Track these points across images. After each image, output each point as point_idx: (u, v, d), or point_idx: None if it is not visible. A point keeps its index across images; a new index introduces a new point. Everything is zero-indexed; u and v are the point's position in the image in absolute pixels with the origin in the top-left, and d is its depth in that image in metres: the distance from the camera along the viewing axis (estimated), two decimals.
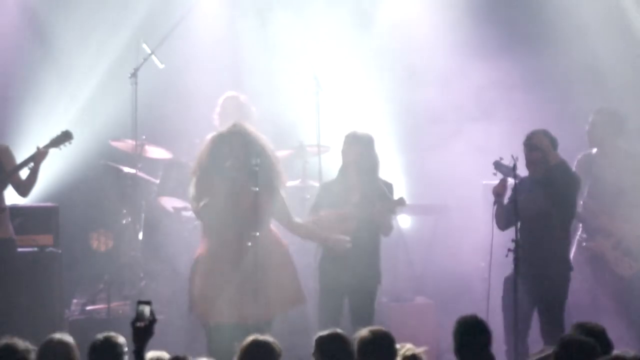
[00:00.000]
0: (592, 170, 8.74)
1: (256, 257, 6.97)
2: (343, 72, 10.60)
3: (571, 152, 8.87)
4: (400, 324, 9.13)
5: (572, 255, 8.80)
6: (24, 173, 8.10)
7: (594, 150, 8.84)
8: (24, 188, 8.13)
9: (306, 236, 7.74)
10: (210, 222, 7.14)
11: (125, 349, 5.52)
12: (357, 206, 7.73)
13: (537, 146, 7.82)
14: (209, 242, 7.17)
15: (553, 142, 7.86)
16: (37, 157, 8.01)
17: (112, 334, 5.64)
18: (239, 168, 7.08)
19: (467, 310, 6.19)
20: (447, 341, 6.62)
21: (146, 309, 5.23)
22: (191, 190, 7.23)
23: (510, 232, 7.57)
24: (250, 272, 6.96)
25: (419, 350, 5.74)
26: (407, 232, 10.15)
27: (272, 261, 7.11)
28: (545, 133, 7.90)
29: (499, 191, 7.81)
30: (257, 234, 7.37)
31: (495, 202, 7.82)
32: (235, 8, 10.86)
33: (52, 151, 8.22)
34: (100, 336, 5.62)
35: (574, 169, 8.81)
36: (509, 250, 7.39)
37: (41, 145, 8.07)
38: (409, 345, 5.74)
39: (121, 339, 5.62)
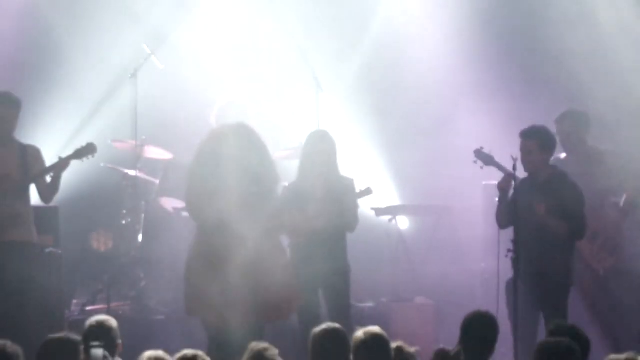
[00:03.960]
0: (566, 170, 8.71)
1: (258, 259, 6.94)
2: (340, 73, 10.63)
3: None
4: (400, 324, 9.14)
5: None
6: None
7: (563, 155, 8.78)
8: (46, 194, 8.11)
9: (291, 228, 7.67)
10: (202, 220, 7.08)
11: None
12: (322, 203, 7.75)
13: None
14: (200, 240, 7.11)
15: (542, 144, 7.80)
16: (58, 167, 7.97)
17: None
18: (238, 168, 7.02)
19: (466, 311, 6.20)
20: (447, 341, 6.62)
21: (99, 352, 5.25)
22: (187, 185, 7.20)
23: (511, 233, 7.55)
24: (245, 274, 6.90)
25: (407, 346, 5.78)
26: (407, 233, 10.16)
27: (270, 266, 7.03)
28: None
29: (503, 186, 7.71)
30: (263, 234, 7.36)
31: (499, 198, 7.76)
32: (235, 8, 10.88)
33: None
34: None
35: None
36: (509, 250, 7.35)
37: (64, 155, 7.99)
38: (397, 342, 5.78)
39: (114, 322, 5.69)
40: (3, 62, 10.59)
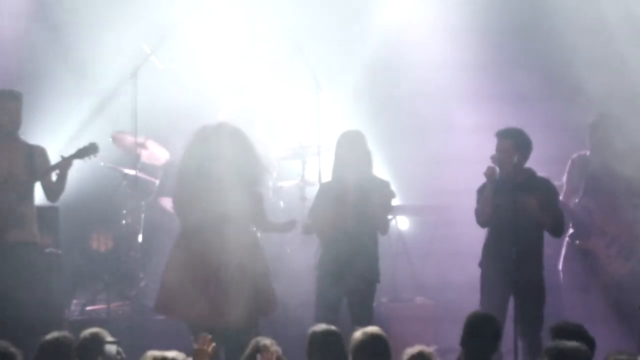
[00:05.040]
0: (587, 170, 8.72)
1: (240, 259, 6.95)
2: (340, 73, 10.62)
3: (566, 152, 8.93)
4: (400, 324, 9.14)
5: (562, 253, 8.81)
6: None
7: (588, 152, 8.82)
8: (52, 193, 8.11)
9: (272, 230, 7.63)
10: (187, 219, 7.09)
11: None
12: (354, 204, 7.73)
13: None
14: (184, 239, 7.13)
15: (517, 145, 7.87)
16: (60, 166, 7.97)
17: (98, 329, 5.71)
18: (221, 166, 7.02)
19: (466, 311, 6.20)
20: (447, 341, 6.63)
21: (113, 349, 5.24)
22: (174, 185, 7.22)
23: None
24: (228, 273, 6.91)
25: (428, 349, 5.74)
26: (407, 233, 10.15)
27: (253, 265, 7.05)
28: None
29: (488, 174, 7.79)
30: (257, 232, 7.37)
31: (485, 185, 7.83)
32: (235, 7, 10.87)
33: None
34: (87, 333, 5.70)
35: (568, 168, 8.84)
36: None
37: (66, 155, 7.98)
38: (418, 347, 5.73)
39: (107, 334, 5.68)
40: (2, 62, 10.59)
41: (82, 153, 8.00)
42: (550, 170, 8.87)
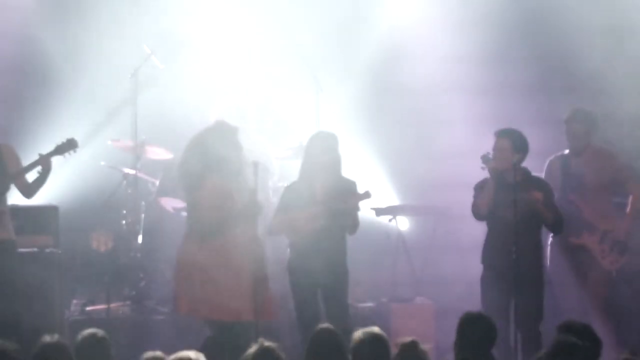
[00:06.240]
0: (569, 169, 8.72)
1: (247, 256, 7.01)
2: (340, 73, 10.62)
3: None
4: (400, 324, 9.15)
5: (549, 251, 8.80)
6: (30, 175, 8.02)
7: (566, 151, 8.82)
8: (29, 190, 8.02)
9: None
10: (192, 220, 7.15)
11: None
12: (322, 204, 7.73)
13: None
14: (190, 238, 7.17)
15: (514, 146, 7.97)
16: (41, 163, 7.93)
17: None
18: (219, 166, 7.06)
19: (466, 311, 6.20)
20: (447, 341, 6.62)
21: None
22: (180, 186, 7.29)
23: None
24: (238, 272, 6.96)
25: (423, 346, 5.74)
26: (407, 233, 10.15)
27: (249, 265, 7.11)
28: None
29: (498, 168, 7.87)
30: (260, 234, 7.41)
31: (485, 180, 7.90)
32: (236, 8, 10.87)
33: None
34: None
35: (545, 170, 8.85)
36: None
37: (44, 152, 7.94)
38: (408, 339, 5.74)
39: (105, 334, 5.70)
40: (5, 64, 10.60)
41: (60, 149, 7.95)
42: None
